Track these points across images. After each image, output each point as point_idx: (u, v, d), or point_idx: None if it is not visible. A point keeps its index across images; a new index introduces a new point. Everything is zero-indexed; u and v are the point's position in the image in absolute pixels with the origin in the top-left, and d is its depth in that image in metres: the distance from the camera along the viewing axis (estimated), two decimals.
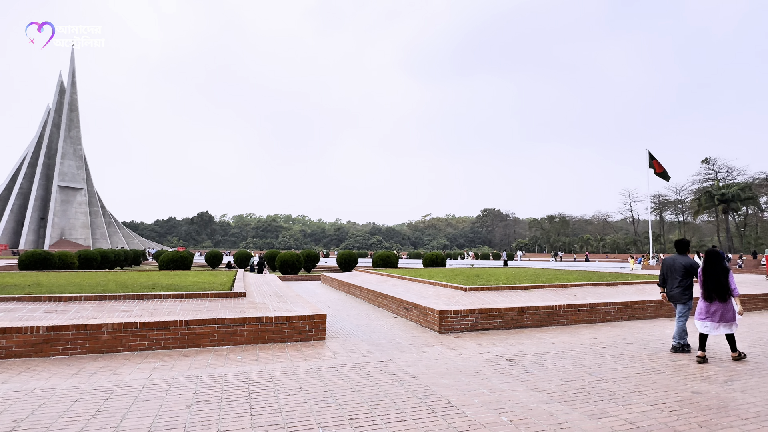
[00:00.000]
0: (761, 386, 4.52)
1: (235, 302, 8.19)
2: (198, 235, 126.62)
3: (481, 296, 9.70)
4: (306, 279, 22.96)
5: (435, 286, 11.54)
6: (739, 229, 70.72)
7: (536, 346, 6.48)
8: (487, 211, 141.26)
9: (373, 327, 8.48)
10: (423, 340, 7.20)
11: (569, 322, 8.73)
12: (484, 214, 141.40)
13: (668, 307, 9.73)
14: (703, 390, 4.38)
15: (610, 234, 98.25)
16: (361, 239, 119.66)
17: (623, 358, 5.76)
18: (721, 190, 62.08)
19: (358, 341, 7.02)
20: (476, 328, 8.02)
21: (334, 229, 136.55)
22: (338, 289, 16.66)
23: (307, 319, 7.09)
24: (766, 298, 11.15)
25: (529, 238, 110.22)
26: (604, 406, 3.87)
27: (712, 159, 69.33)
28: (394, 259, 27.30)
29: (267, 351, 6.24)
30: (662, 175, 34.13)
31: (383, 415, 3.55)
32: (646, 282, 12.43)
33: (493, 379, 4.67)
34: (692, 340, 6.93)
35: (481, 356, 5.77)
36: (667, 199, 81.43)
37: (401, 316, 9.72)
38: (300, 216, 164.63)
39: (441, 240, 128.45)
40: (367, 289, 12.88)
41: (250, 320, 6.76)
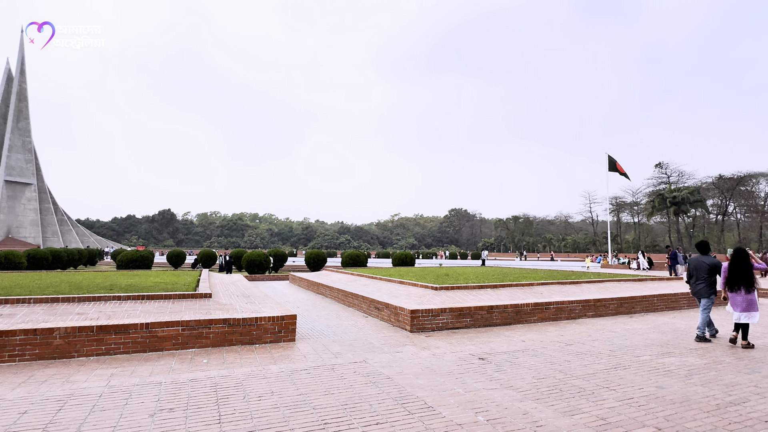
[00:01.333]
0: (719, 380, 4.74)
1: (200, 303, 7.86)
2: (159, 234, 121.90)
3: (452, 295, 9.77)
4: (273, 279, 22.50)
5: (406, 286, 11.53)
6: (689, 230, 74.99)
7: (507, 344, 6.56)
8: (454, 211, 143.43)
9: (344, 327, 8.36)
10: (395, 339, 7.16)
11: (536, 320, 8.92)
12: (451, 214, 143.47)
13: (627, 305, 10.14)
14: (666, 385, 4.54)
15: (572, 234, 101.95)
16: (330, 238, 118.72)
17: (590, 354, 5.92)
18: (673, 193, 65.61)
19: (329, 342, 6.89)
20: (447, 327, 8.06)
21: (302, 228, 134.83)
22: (307, 289, 16.39)
23: (276, 320, 6.89)
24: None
25: (494, 238, 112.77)
26: (575, 402, 3.94)
27: (665, 164, 73.16)
28: (363, 258, 27.20)
29: (235, 354, 6.02)
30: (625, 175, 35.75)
31: (359, 418, 3.46)
32: (607, 280, 12.90)
33: (467, 378, 4.67)
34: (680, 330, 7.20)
35: (454, 355, 5.77)
36: (623, 201, 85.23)
37: (372, 315, 9.64)
38: (267, 215, 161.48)
39: (409, 239, 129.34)
40: (337, 288, 12.72)
41: (217, 322, 6.50)
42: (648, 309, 10.44)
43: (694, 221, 76.09)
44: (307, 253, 28.03)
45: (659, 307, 10.63)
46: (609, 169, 37.53)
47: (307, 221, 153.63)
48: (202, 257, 29.81)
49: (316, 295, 14.45)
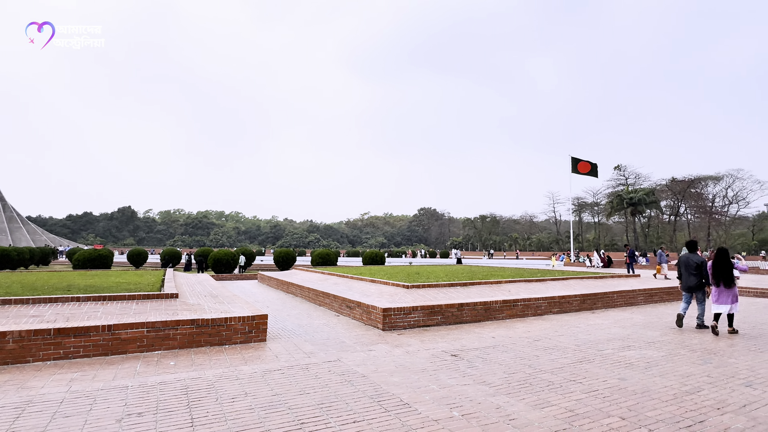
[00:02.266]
0: (675, 371, 5.03)
1: (166, 304, 7.60)
2: (119, 232, 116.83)
3: (423, 293, 9.87)
4: (241, 278, 22.02)
5: (377, 284, 11.56)
6: (644, 230, 78.84)
7: (478, 341, 6.70)
8: (423, 210, 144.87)
9: (316, 326, 8.29)
10: (367, 338, 7.17)
11: (505, 316, 9.15)
12: (420, 213, 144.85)
13: (590, 301, 10.56)
14: (628, 377, 4.77)
15: (536, 233, 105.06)
16: (299, 237, 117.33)
17: (556, 349, 6.13)
18: (630, 194, 68.72)
19: (301, 342, 6.82)
20: (419, 325, 8.14)
21: (270, 227, 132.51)
22: (277, 288, 16.14)
23: (246, 320, 6.75)
24: (671, 291, 12.48)
25: (463, 237, 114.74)
26: (545, 396, 4.08)
27: (623, 166, 76.56)
28: (333, 257, 27.06)
29: (203, 355, 5.86)
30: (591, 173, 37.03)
31: (336, 417, 3.45)
32: (570, 278, 13.39)
33: (441, 374, 4.74)
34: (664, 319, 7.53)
35: (427, 352, 5.84)
36: (585, 202, 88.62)
37: (344, 314, 9.61)
38: (233, 212, 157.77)
39: (379, 238, 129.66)
40: (307, 287, 12.60)
41: (185, 323, 6.31)
42: (608, 305, 10.91)
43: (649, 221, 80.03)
44: (276, 251, 27.59)
45: (618, 303, 11.13)
46: (572, 170, 38.89)
47: (276, 219, 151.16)
48: (165, 256, 28.81)
49: (286, 294, 14.26)
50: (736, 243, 70.36)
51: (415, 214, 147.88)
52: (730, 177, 72.79)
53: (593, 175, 36.44)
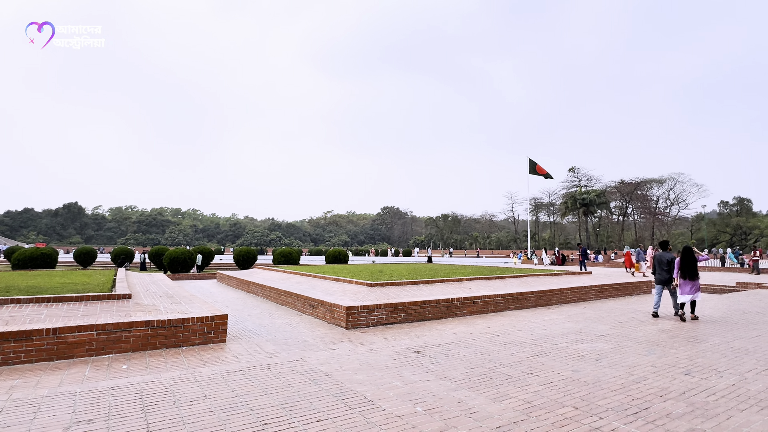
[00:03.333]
0: (623, 362, 5.33)
1: (118, 305, 7.24)
2: (64, 230, 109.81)
3: (386, 291, 9.93)
4: (199, 278, 21.29)
5: (340, 283, 11.51)
6: (596, 229, 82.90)
7: (440, 337, 6.82)
8: (387, 209, 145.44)
9: (278, 326, 8.16)
10: (330, 337, 7.13)
11: (466, 313, 9.37)
12: (384, 212, 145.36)
13: (545, 297, 11.00)
14: (580, 368, 5.01)
15: (495, 232, 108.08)
16: (260, 235, 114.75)
17: (515, 344, 6.34)
18: (583, 195, 72.06)
19: (262, 341, 6.69)
20: (382, 323, 8.18)
21: (229, 225, 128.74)
22: (237, 287, 15.73)
23: (205, 320, 6.54)
24: (618, 287, 13.21)
25: (425, 236, 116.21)
26: (504, 389, 4.21)
27: (576, 168, 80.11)
28: (296, 255, 26.69)
29: (159, 358, 5.63)
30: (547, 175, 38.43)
31: (299, 416, 3.41)
32: (528, 275, 13.88)
33: (404, 371, 4.80)
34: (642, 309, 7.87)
35: (391, 350, 5.89)
36: (541, 202, 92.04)
37: (306, 313, 9.51)
38: (191, 210, 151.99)
39: (342, 237, 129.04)
40: (269, 287, 12.36)
41: (138, 324, 6.03)
42: (562, 301, 11.40)
43: (600, 221, 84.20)
44: (236, 250, 26.88)
45: (571, 299, 11.66)
46: (529, 171, 40.28)
47: (236, 217, 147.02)
48: (117, 254, 27.38)
49: (247, 293, 13.92)
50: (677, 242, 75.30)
51: (378, 213, 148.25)
52: (672, 180, 77.92)
53: (548, 177, 37.91)
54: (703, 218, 73.52)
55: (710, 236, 70.94)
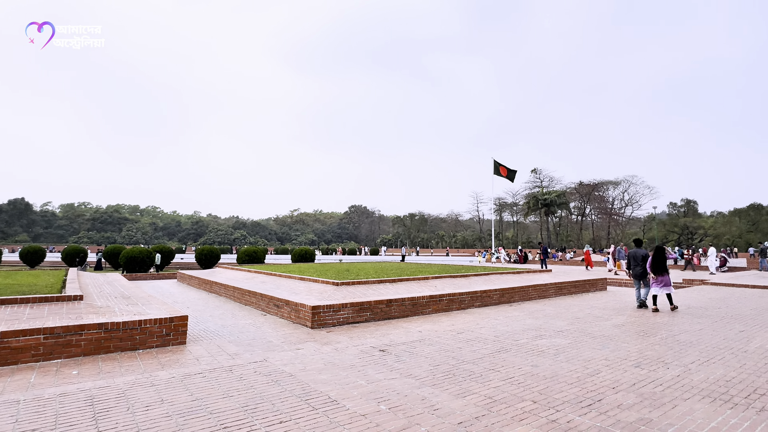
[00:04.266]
0: (579, 356, 5.55)
1: (69, 307, 6.86)
2: (9, 227, 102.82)
3: (352, 290, 9.91)
4: (158, 278, 20.50)
5: (306, 282, 11.39)
6: (556, 228, 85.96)
7: (405, 336, 6.87)
8: (354, 207, 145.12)
9: (241, 326, 7.98)
10: (296, 336, 7.04)
11: (431, 311, 9.49)
12: (351, 211, 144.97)
13: (508, 295, 11.30)
14: (539, 363, 5.18)
15: (461, 231, 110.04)
16: (224, 234, 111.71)
17: (478, 341, 6.48)
18: (544, 196, 74.58)
19: (224, 343, 6.52)
20: (348, 322, 8.16)
21: (191, 223, 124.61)
22: (198, 287, 15.25)
23: (163, 322, 6.31)
24: (576, 284, 13.74)
25: (392, 234, 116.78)
26: (467, 385, 4.30)
27: (539, 169, 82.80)
28: (261, 254, 26.18)
29: (113, 362, 5.37)
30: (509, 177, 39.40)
31: (261, 418, 3.35)
32: (492, 273, 14.21)
33: (369, 370, 4.80)
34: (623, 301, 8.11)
35: (356, 349, 5.88)
36: (505, 202, 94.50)
37: (271, 313, 9.35)
38: (150, 207, 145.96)
39: (309, 235, 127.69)
40: (232, 286, 12.06)
41: (90, 327, 5.74)
42: (524, 298, 11.75)
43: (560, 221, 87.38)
44: (199, 249, 26.07)
45: (533, 296, 12.04)
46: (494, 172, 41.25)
47: (198, 215, 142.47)
48: (68, 253, 25.94)
49: (209, 294, 13.53)
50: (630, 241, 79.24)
51: (345, 212, 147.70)
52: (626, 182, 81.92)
53: (511, 179, 38.91)
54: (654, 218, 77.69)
55: (660, 236, 75.06)
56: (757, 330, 7.42)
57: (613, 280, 17.67)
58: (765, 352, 5.83)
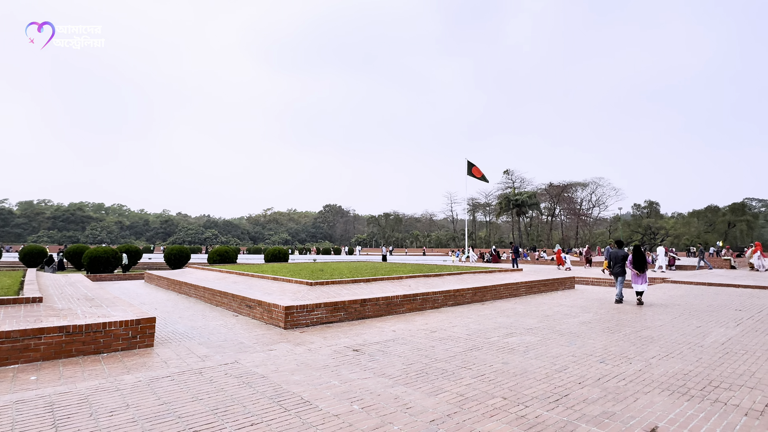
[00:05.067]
0: (548, 353, 5.71)
1: (27, 309, 6.54)
2: None
3: (326, 290, 9.85)
4: (125, 278, 19.80)
5: (279, 282, 11.25)
6: (527, 229, 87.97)
7: (379, 335, 6.89)
8: (329, 207, 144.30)
9: (212, 328, 7.80)
10: (268, 337, 6.94)
11: (405, 310, 9.54)
12: (326, 210, 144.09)
13: (480, 293, 11.49)
14: (509, 360, 5.30)
15: (435, 231, 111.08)
16: (194, 233, 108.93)
17: (451, 339, 6.57)
18: (516, 197, 76.23)
19: (194, 345, 6.37)
20: (322, 322, 8.11)
21: (160, 222, 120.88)
22: (167, 288, 14.81)
23: (129, 324, 6.10)
24: (546, 283, 14.11)
25: (367, 234, 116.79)
26: (439, 383, 4.35)
27: (511, 171, 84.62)
28: (233, 254, 25.69)
29: (75, 366, 5.16)
30: (482, 178, 40.02)
31: (232, 421, 3.29)
32: (465, 273, 14.41)
33: (342, 370, 4.79)
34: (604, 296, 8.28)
35: (330, 349, 5.85)
36: (478, 202, 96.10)
37: (243, 314, 9.18)
38: (116, 205, 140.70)
39: (283, 235, 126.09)
40: (203, 287, 11.78)
41: (50, 330, 5.49)
42: (496, 296, 11.98)
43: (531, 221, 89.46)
44: (168, 248, 25.33)
45: (504, 295, 12.28)
46: (467, 173, 41.86)
47: (167, 214, 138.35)
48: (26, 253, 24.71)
49: (179, 295, 13.17)
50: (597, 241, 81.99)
51: (320, 211, 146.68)
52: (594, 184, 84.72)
53: (484, 180, 39.57)
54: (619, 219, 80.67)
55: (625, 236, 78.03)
56: (712, 326, 7.81)
57: (581, 278, 18.23)
58: (719, 347, 6.16)
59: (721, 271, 23.30)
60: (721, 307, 10.25)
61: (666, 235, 76.82)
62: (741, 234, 71.27)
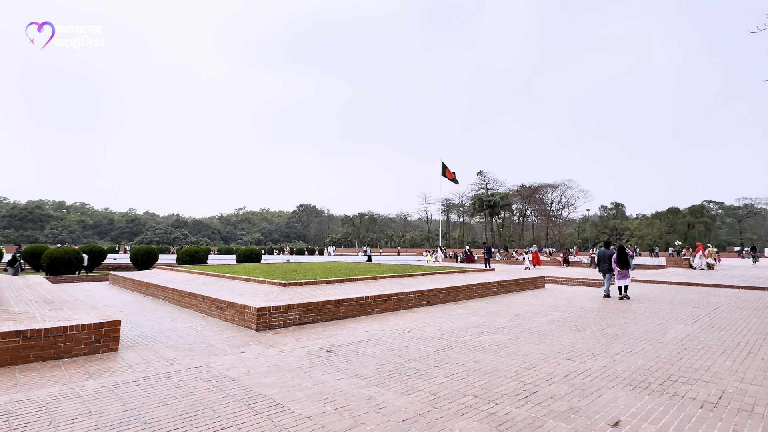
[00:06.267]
0: (518, 351, 5.85)
1: None
2: None
3: (300, 291, 9.77)
4: (88, 280, 19.02)
5: (252, 283, 11.07)
6: (500, 229, 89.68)
7: (353, 336, 6.89)
8: (303, 206, 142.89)
9: (181, 330, 7.61)
10: (239, 339, 6.83)
11: (379, 311, 9.57)
12: (300, 210, 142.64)
13: (453, 293, 11.65)
14: (481, 359, 5.40)
15: (410, 231, 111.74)
16: (162, 233, 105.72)
17: (424, 339, 6.63)
18: (489, 198, 77.59)
19: (162, 348, 6.19)
20: (295, 323, 8.04)
21: (126, 221, 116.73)
22: (134, 290, 14.33)
23: (92, 328, 5.87)
24: (517, 282, 14.43)
25: (341, 234, 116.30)
26: (412, 383, 4.39)
27: (484, 172, 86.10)
28: (203, 254, 25.11)
29: (33, 373, 4.93)
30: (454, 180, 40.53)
31: (202, 426, 3.22)
32: (438, 273, 14.57)
33: (315, 371, 4.77)
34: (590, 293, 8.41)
35: (303, 350, 5.81)
36: (452, 203, 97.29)
37: (214, 316, 8.99)
38: (78, 203, 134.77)
39: (255, 235, 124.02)
40: (171, 288, 11.46)
41: (5, 335, 5.23)
42: (469, 296, 12.17)
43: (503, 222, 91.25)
44: (134, 249, 24.52)
45: (477, 294, 12.49)
46: (441, 173, 42.29)
47: (134, 213, 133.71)
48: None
49: (145, 296, 12.76)
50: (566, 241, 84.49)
51: (294, 210, 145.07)
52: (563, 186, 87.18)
53: (455, 182, 40.15)
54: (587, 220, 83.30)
55: (593, 236, 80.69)
56: (672, 323, 8.18)
57: (551, 277, 18.73)
58: (678, 343, 6.46)
59: (680, 270, 24.42)
60: (680, 304, 10.75)
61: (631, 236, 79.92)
62: (699, 235, 74.91)
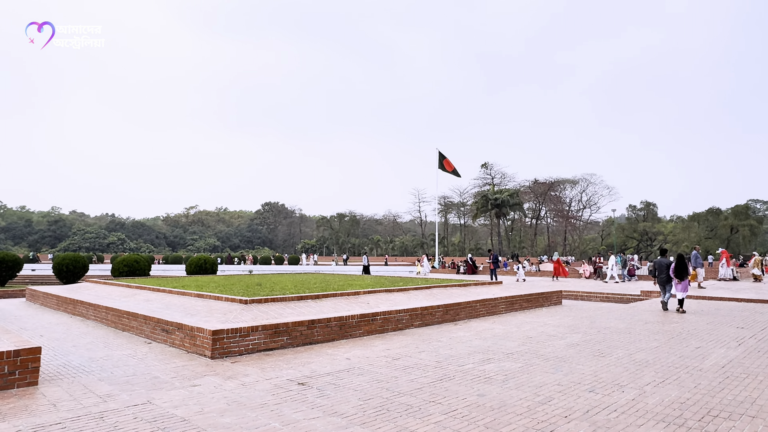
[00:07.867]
0: (530, 382, 5.92)
1: None
2: None
3: (265, 309, 9.72)
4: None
5: (205, 300, 10.98)
6: (508, 233, 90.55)
7: (330, 364, 6.89)
8: (268, 205, 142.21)
9: (117, 359, 7.51)
10: (190, 370, 6.77)
11: (362, 333, 9.58)
12: (265, 209, 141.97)
13: (453, 312, 11.73)
14: (486, 392, 5.45)
15: (400, 235, 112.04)
16: (94, 237, 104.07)
17: (417, 368, 6.67)
18: (496, 195, 78.25)
19: (93, 381, 6.10)
20: (260, 349, 8.00)
21: (47, 222, 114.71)
22: (57, 308, 14.10)
23: (5, 357, 5.75)
24: (529, 298, 14.61)
25: (317, 239, 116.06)
26: (403, 421, 4.41)
27: (490, 164, 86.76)
28: (145, 264, 24.80)
29: None
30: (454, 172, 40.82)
31: None
32: (434, 286, 14.65)
33: (284, 409, 4.75)
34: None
35: (269, 383, 5.79)
36: (451, 201, 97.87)
37: (158, 341, 8.90)
38: None
39: (210, 240, 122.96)
40: (105, 306, 11.30)
41: None
42: (471, 315, 12.26)
43: (512, 224, 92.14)
44: (58, 257, 24.09)
45: (481, 313, 12.60)
46: (438, 165, 42.53)
47: (58, 212, 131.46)
48: None
49: (72, 317, 12.56)
50: (588, 248, 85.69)
51: (258, 210, 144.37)
52: (584, 181, 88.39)
53: (456, 175, 40.42)
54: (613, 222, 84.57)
55: (619, 242, 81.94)
56: (712, 346, 8.38)
57: (569, 292, 18.99)
58: (719, 370, 6.61)
59: (721, 283, 24.99)
60: (721, 324, 11.00)
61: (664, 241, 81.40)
62: (744, 240, 76.56)
